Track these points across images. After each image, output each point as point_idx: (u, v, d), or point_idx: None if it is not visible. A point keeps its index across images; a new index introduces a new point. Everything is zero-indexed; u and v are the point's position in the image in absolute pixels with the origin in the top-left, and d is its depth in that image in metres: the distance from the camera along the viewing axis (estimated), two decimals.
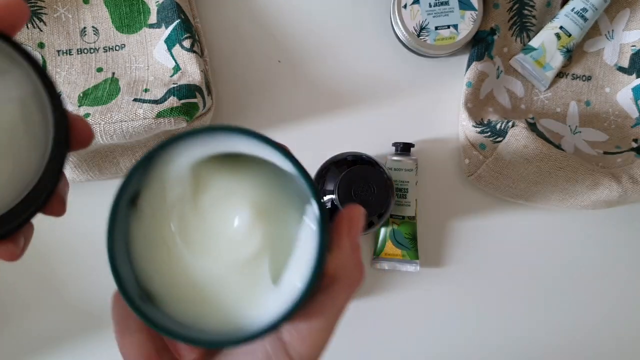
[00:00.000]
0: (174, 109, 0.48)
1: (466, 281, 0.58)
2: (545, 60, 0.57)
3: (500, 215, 0.59)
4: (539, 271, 0.59)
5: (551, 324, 0.58)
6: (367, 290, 0.58)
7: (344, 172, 0.48)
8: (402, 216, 0.56)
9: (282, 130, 0.58)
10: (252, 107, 0.59)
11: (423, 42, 0.56)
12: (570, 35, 0.56)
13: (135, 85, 0.53)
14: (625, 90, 0.58)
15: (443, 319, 0.58)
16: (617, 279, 0.59)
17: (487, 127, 0.54)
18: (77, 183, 0.56)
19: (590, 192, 0.54)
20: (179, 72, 0.53)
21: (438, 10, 0.56)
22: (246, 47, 0.59)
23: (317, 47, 0.59)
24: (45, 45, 0.55)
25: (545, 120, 0.58)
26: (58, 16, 0.55)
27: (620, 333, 0.59)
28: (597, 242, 0.59)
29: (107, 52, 0.56)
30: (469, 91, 0.56)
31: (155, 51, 0.55)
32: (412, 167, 0.56)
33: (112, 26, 0.56)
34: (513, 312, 0.58)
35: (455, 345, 0.58)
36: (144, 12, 0.56)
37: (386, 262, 0.57)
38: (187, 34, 0.53)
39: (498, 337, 0.58)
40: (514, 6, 0.57)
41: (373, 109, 0.59)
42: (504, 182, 0.56)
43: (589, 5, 0.55)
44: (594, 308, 0.59)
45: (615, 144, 0.57)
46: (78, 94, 0.52)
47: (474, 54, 0.57)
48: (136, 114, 0.48)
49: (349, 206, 0.30)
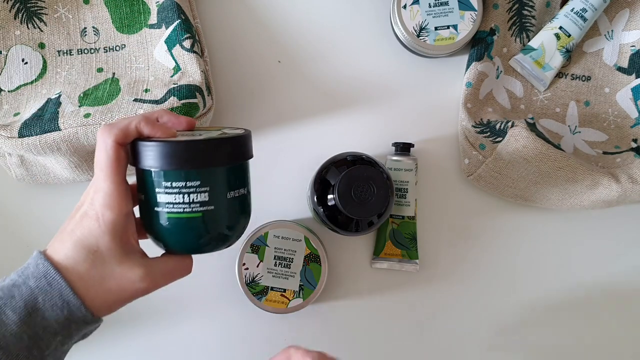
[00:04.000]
0: (174, 109, 0.48)
1: (466, 281, 0.58)
2: (545, 61, 0.57)
3: (500, 215, 0.59)
4: (538, 271, 0.59)
5: (551, 324, 0.59)
6: (367, 290, 0.58)
7: (344, 172, 0.48)
8: (401, 216, 0.57)
9: (282, 130, 0.59)
10: (252, 107, 0.59)
11: (423, 42, 0.56)
12: (569, 36, 0.56)
13: (136, 85, 0.53)
14: (624, 90, 0.58)
15: (443, 318, 0.58)
16: (617, 278, 0.59)
17: (486, 127, 0.54)
18: (78, 183, 0.56)
19: (589, 192, 0.54)
20: (180, 72, 0.53)
21: (438, 11, 0.56)
22: (246, 47, 0.59)
23: (317, 47, 0.59)
24: (45, 45, 0.55)
25: (544, 121, 0.58)
26: (58, 16, 0.55)
27: (621, 333, 0.59)
28: (596, 241, 0.59)
29: (107, 53, 0.56)
30: (469, 91, 0.56)
31: (155, 51, 0.55)
32: (412, 167, 0.56)
33: (112, 26, 0.56)
34: (513, 312, 0.58)
35: (455, 345, 0.58)
36: (144, 12, 0.56)
37: (386, 262, 0.57)
38: (188, 35, 0.53)
39: (498, 336, 0.58)
40: (514, 6, 0.58)
41: (373, 109, 0.59)
42: (504, 182, 0.56)
43: (588, 6, 0.55)
44: (594, 307, 0.59)
45: (615, 144, 0.57)
46: (79, 94, 0.52)
47: (473, 54, 0.57)
48: (136, 114, 0.48)
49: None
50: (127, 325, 0.57)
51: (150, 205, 0.39)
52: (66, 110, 0.50)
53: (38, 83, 0.54)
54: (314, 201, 0.52)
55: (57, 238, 0.38)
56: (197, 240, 0.39)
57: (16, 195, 0.57)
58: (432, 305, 0.58)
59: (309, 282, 0.54)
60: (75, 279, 0.37)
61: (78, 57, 0.55)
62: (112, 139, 0.37)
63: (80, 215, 0.38)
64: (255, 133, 0.58)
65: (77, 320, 0.37)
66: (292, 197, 0.58)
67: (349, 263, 0.58)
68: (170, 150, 0.37)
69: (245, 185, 0.41)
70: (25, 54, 0.54)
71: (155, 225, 0.39)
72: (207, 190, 0.38)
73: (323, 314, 0.58)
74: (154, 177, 0.38)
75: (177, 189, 0.37)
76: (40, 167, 0.54)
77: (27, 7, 0.54)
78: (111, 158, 0.37)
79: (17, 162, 0.53)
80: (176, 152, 0.37)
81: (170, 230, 0.39)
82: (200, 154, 0.38)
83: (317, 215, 0.52)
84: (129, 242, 0.39)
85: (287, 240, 0.53)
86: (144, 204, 0.40)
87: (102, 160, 0.37)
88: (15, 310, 0.35)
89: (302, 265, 0.53)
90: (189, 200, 0.38)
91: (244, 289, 0.53)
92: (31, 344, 0.36)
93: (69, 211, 0.49)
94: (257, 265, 0.53)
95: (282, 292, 0.53)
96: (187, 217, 0.38)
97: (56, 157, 0.51)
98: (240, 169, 0.41)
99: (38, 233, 0.57)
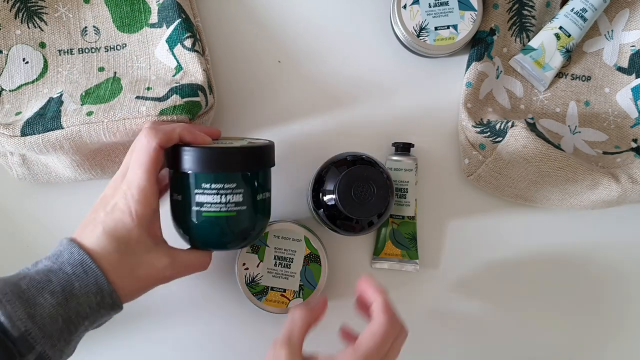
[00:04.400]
0: (176, 107, 0.48)
1: (466, 281, 0.58)
2: (545, 61, 0.57)
3: (500, 215, 0.59)
4: (538, 271, 0.59)
5: (551, 323, 0.59)
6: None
7: (344, 172, 0.48)
8: (401, 216, 0.57)
9: (282, 130, 0.59)
10: (252, 107, 0.59)
11: (423, 42, 0.56)
12: (569, 36, 0.56)
13: (138, 83, 0.53)
14: (624, 90, 0.58)
15: (443, 318, 0.58)
16: (617, 278, 0.59)
17: (486, 127, 0.54)
18: (80, 182, 0.56)
19: (589, 192, 0.54)
20: (182, 71, 0.53)
21: (438, 11, 0.56)
22: (246, 47, 0.59)
23: (317, 47, 0.59)
24: (46, 45, 0.55)
25: (544, 121, 0.58)
26: (59, 16, 0.55)
27: (621, 332, 0.59)
28: (596, 241, 0.59)
29: (108, 52, 0.56)
30: (469, 91, 0.56)
31: (156, 51, 0.55)
32: (412, 167, 0.56)
33: (113, 26, 0.56)
34: (513, 312, 0.58)
35: (455, 345, 0.58)
36: (145, 11, 0.56)
37: (386, 262, 0.57)
38: (189, 34, 0.53)
39: (498, 336, 0.58)
40: (514, 6, 0.58)
41: (373, 109, 0.59)
42: (504, 182, 0.56)
43: (588, 6, 0.55)
44: (594, 307, 0.59)
45: (615, 144, 0.57)
46: (80, 93, 0.52)
47: (473, 54, 0.57)
48: (139, 112, 0.48)
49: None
50: (126, 325, 0.57)
51: (188, 205, 0.44)
52: (68, 108, 0.50)
53: (39, 82, 0.54)
54: (314, 201, 0.52)
55: (87, 227, 0.42)
56: (226, 237, 0.45)
57: (17, 195, 0.57)
58: (432, 305, 0.58)
59: (309, 282, 0.54)
60: (107, 267, 0.40)
61: (79, 57, 0.55)
62: (156, 142, 0.42)
63: (112, 207, 0.42)
64: (256, 133, 0.58)
65: (106, 307, 0.40)
66: (292, 197, 0.58)
67: (349, 263, 0.58)
68: (212, 156, 0.43)
69: (269, 189, 0.48)
70: (26, 53, 0.54)
71: (189, 222, 0.44)
72: (241, 192, 0.43)
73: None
74: (193, 180, 0.43)
75: (215, 190, 0.43)
76: (42, 166, 0.54)
77: (27, 7, 0.54)
78: (152, 158, 0.42)
79: (18, 161, 0.53)
80: (218, 158, 0.43)
81: (203, 227, 0.44)
82: (238, 159, 0.43)
83: (317, 215, 0.52)
84: (157, 234, 0.44)
85: (287, 240, 0.53)
86: (179, 204, 0.44)
87: (143, 159, 0.42)
88: (53, 294, 0.38)
89: (302, 265, 0.53)
90: (226, 201, 0.43)
91: (244, 289, 0.53)
92: (64, 327, 0.38)
93: (70, 211, 0.49)
94: (257, 265, 0.53)
95: (282, 292, 0.53)
96: (224, 215, 0.43)
97: (58, 155, 0.51)
98: (266, 175, 0.47)
99: (38, 233, 0.57)
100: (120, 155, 0.54)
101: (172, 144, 0.43)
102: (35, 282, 0.38)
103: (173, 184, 0.45)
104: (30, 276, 0.39)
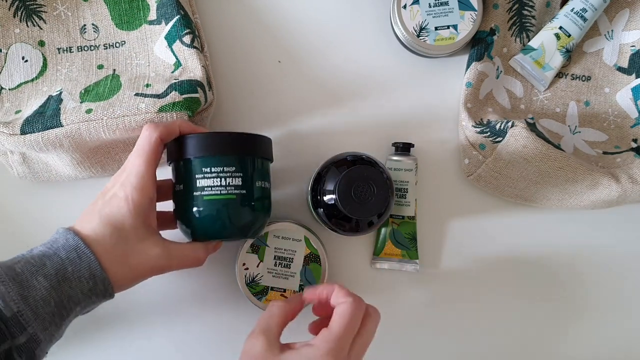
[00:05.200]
0: (176, 104, 0.48)
1: (466, 281, 0.58)
2: (545, 61, 0.57)
3: (500, 215, 0.59)
4: (538, 271, 0.59)
5: (551, 323, 0.58)
6: (367, 290, 0.58)
7: (344, 172, 0.48)
8: (401, 216, 0.56)
9: (281, 130, 0.58)
10: (252, 106, 0.58)
11: (423, 42, 0.56)
12: (569, 36, 0.56)
13: (137, 80, 0.53)
14: (624, 90, 0.58)
15: (443, 318, 0.58)
16: (617, 278, 0.59)
17: (486, 127, 0.54)
18: (80, 180, 0.56)
19: (589, 192, 0.54)
20: (180, 68, 0.53)
21: (438, 11, 0.56)
22: (246, 45, 0.59)
23: (317, 47, 0.59)
24: (45, 43, 0.55)
25: (544, 121, 0.58)
26: (58, 14, 0.55)
27: (621, 332, 0.59)
28: (596, 241, 0.59)
29: (107, 49, 0.56)
30: (469, 91, 0.56)
31: (155, 47, 0.55)
32: (412, 167, 0.56)
33: (111, 23, 0.56)
34: (513, 312, 0.58)
35: (455, 345, 0.58)
36: (144, 8, 0.56)
37: (386, 262, 0.57)
38: (188, 30, 0.53)
39: (498, 336, 0.58)
40: (514, 6, 0.58)
41: (373, 109, 0.59)
42: (504, 182, 0.56)
43: (588, 6, 0.55)
44: (594, 307, 0.59)
45: (615, 144, 0.57)
46: (80, 91, 0.52)
47: (473, 54, 0.57)
48: (138, 109, 0.48)
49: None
50: (126, 325, 0.56)
51: (189, 191, 0.45)
52: (68, 106, 0.50)
53: (39, 81, 0.54)
54: (314, 201, 0.51)
55: (85, 217, 0.43)
56: (226, 223, 0.45)
57: (17, 193, 0.57)
58: (432, 305, 0.58)
59: (309, 282, 0.53)
60: (101, 253, 0.41)
61: (78, 55, 0.55)
62: (157, 134, 0.43)
63: (110, 196, 0.43)
64: (255, 132, 0.58)
65: (98, 293, 0.41)
66: (292, 197, 0.58)
67: (349, 263, 0.58)
68: (210, 140, 0.45)
69: (269, 181, 0.49)
70: (25, 51, 0.54)
71: (190, 211, 0.45)
72: (240, 176, 0.45)
73: None
74: (195, 165, 0.45)
75: (215, 174, 0.44)
76: (42, 164, 0.54)
77: (26, 5, 0.54)
78: (153, 148, 0.43)
79: (19, 159, 0.53)
80: (216, 141, 0.45)
81: (204, 213, 0.45)
82: (236, 143, 0.45)
83: (317, 215, 0.52)
84: (151, 224, 0.44)
85: (287, 240, 0.53)
86: (181, 193, 0.46)
87: (143, 148, 0.43)
88: (47, 277, 0.39)
89: (302, 265, 0.53)
90: (226, 184, 0.44)
91: (244, 289, 0.53)
92: (56, 310, 0.39)
93: (70, 209, 0.49)
94: (257, 265, 0.53)
95: (282, 292, 0.53)
96: (224, 198, 0.44)
97: (58, 153, 0.51)
98: (265, 166, 0.48)
99: (38, 232, 0.56)
100: (120, 153, 0.54)
101: (173, 137, 0.45)
102: (30, 265, 0.39)
103: (175, 176, 0.47)
104: (25, 260, 0.40)
